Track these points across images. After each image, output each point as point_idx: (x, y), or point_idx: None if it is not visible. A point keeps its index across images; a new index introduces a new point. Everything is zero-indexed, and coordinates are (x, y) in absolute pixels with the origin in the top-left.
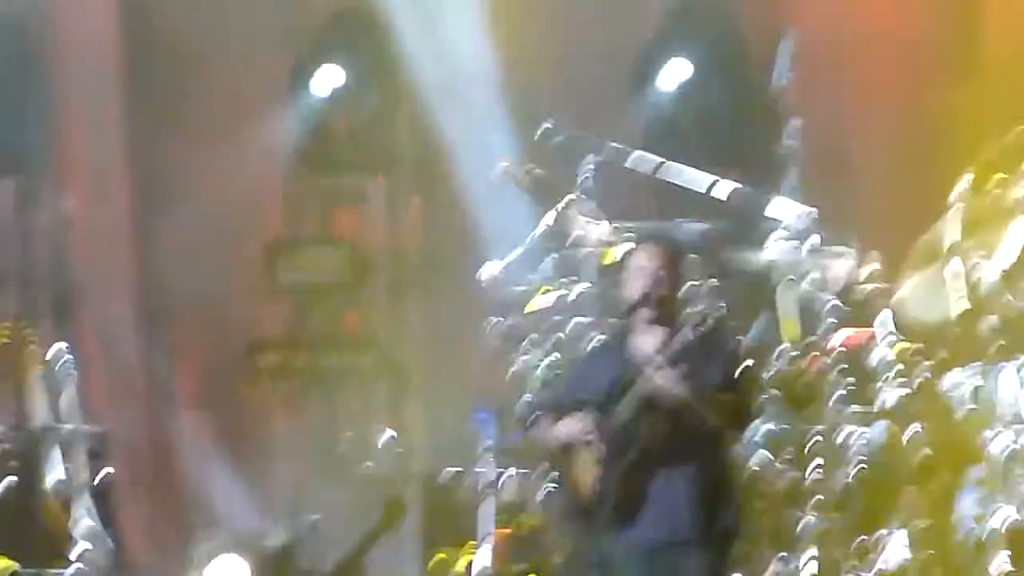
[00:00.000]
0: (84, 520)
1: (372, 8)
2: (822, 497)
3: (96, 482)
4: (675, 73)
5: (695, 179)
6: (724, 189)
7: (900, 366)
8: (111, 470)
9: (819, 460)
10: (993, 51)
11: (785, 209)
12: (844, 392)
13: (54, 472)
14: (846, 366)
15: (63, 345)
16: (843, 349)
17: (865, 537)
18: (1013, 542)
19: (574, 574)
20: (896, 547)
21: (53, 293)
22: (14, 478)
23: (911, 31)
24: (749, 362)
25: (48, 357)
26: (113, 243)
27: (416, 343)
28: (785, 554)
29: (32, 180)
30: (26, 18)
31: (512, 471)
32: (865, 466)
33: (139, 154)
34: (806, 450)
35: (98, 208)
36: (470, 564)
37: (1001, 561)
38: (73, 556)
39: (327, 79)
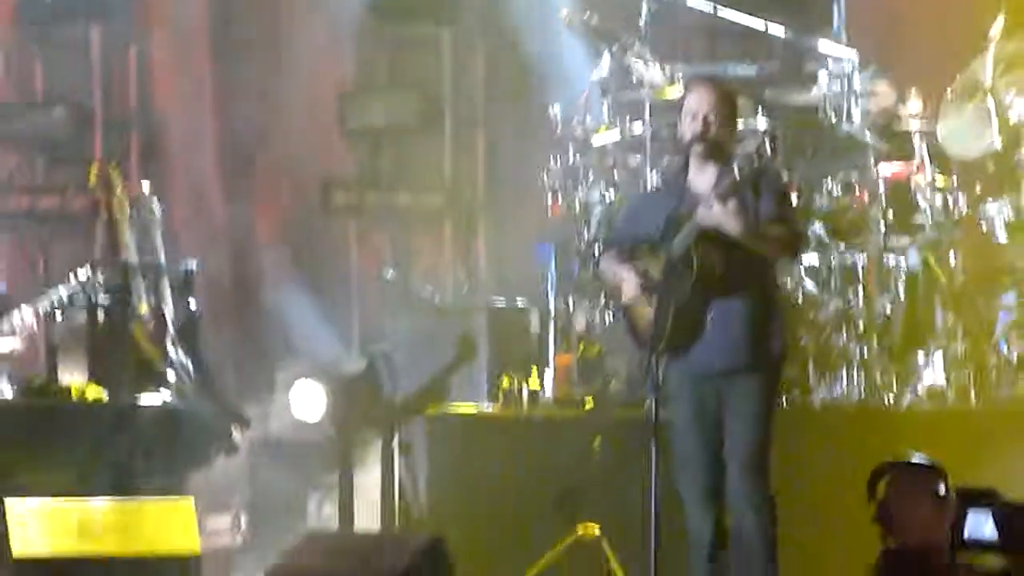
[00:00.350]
0: (171, 351)
1: None
2: (865, 323)
3: (182, 315)
4: None
5: (746, 23)
6: (774, 31)
7: (938, 199)
8: (196, 304)
9: (864, 289)
10: None
11: (830, 50)
12: (886, 224)
13: (143, 306)
14: (888, 199)
15: (149, 184)
16: (885, 183)
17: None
18: None
19: (630, 399)
20: (934, 371)
21: (140, 136)
22: (105, 313)
23: None
24: (797, 196)
25: (135, 196)
26: (195, 89)
27: (481, 182)
28: (831, 379)
29: (118, 26)
30: None
31: (573, 302)
32: (905, 293)
33: (217, 4)
34: (851, 279)
35: (179, 55)
36: (535, 388)
37: None
38: (160, 385)
39: None
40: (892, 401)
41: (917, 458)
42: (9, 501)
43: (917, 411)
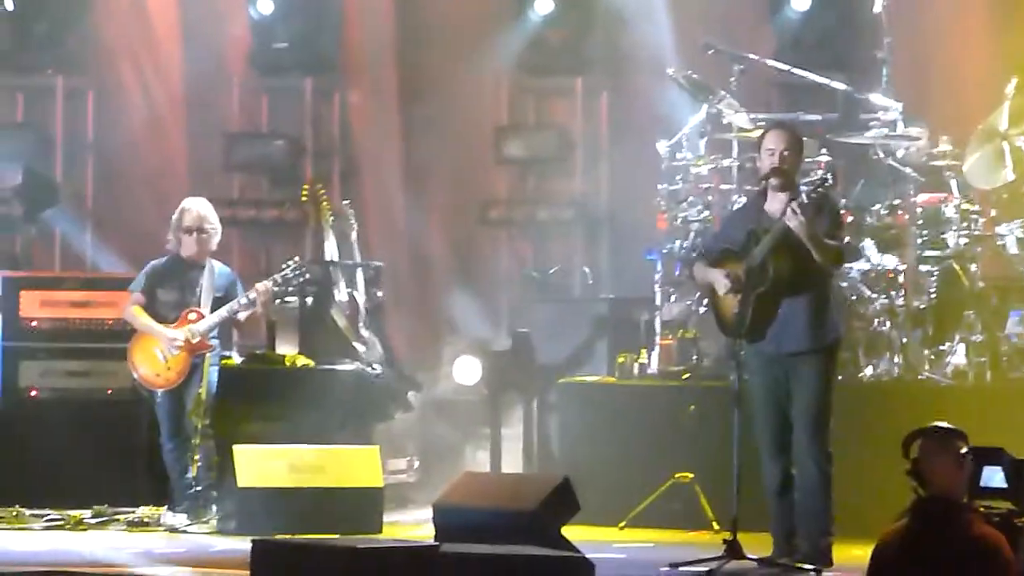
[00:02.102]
0: (362, 330)
1: None
2: (904, 317)
3: (371, 302)
4: (800, 2)
5: (814, 79)
6: (836, 86)
7: (963, 220)
8: (382, 294)
9: (903, 290)
10: None
11: (880, 102)
12: (922, 239)
13: (341, 295)
14: (923, 220)
15: (347, 201)
16: (921, 207)
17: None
18: None
19: (718, 374)
20: (958, 355)
21: (340, 163)
22: (312, 299)
23: None
24: (850, 217)
25: (336, 210)
26: (384, 126)
27: (604, 201)
28: (876, 360)
29: (327, 77)
30: None
31: (674, 296)
32: (936, 294)
33: (404, 60)
34: (893, 283)
35: (373, 99)
36: (644, 363)
37: None
38: (354, 356)
39: (543, 5)
40: (924, 379)
41: (943, 424)
42: (237, 448)
43: (944, 387)
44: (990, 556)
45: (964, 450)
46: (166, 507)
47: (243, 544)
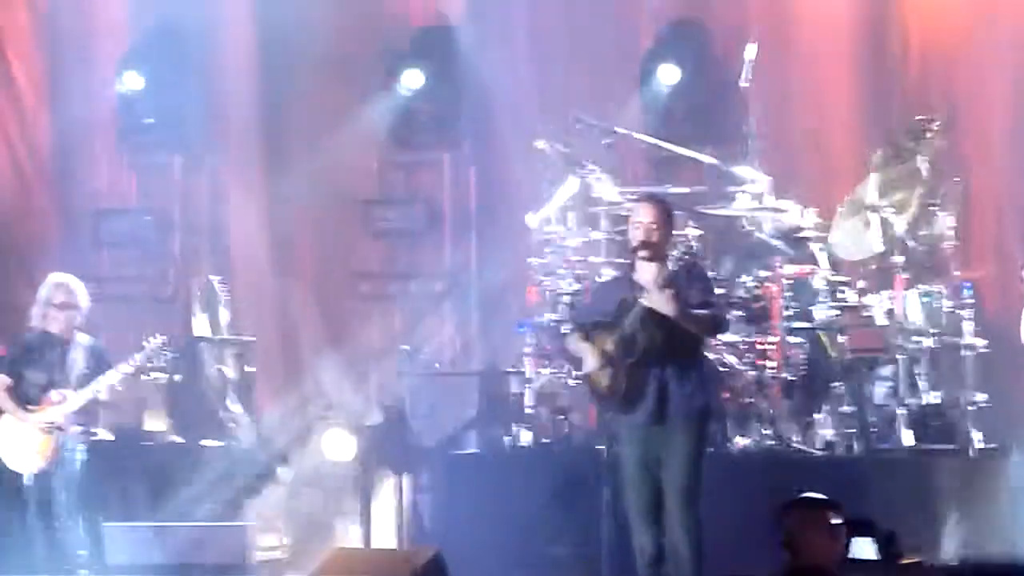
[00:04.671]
0: (231, 405)
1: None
2: (773, 389)
3: (239, 376)
4: (668, 75)
5: (682, 153)
6: (704, 160)
7: (831, 292)
8: (252, 368)
9: (772, 362)
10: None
11: (747, 175)
12: (790, 311)
13: (210, 370)
14: (792, 292)
15: (218, 276)
16: (790, 280)
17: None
18: (915, 424)
19: (590, 445)
20: (827, 427)
21: (209, 236)
22: (180, 375)
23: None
24: (720, 289)
25: (204, 284)
26: (253, 200)
27: (474, 273)
28: (746, 432)
29: (195, 153)
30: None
31: (546, 368)
32: (805, 366)
33: (270, 133)
34: (762, 354)
35: (241, 173)
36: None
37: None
38: (222, 430)
39: (412, 79)
40: (794, 450)
41: (815, 495)
42: (106, 525)
43: (814, 458)
44: None
45: (837, 521)
46: None
47: None
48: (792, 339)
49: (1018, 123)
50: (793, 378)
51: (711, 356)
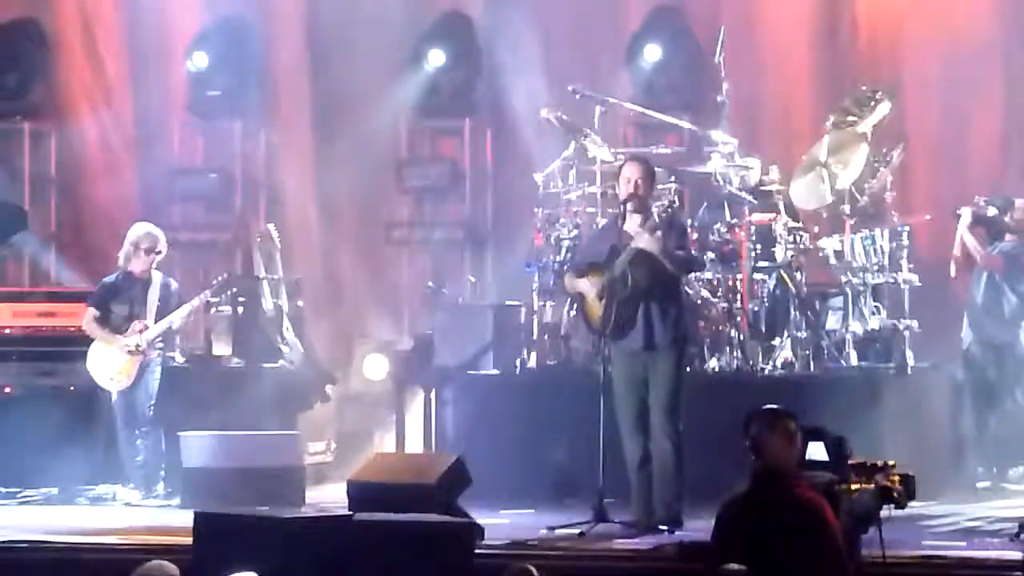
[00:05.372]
0: (285, 333)
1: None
2: (741, 319)
3: (292, 310)
4: (651, 54)
5: (664, 119)
6: (683, 125)
7: (790, 236)
8: (302, 303)
9: (740, 296)
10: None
11: (719, 138)
12: (755, 253)
13: (267, 304)
14: (756, 237)
15: (272, 225)
16: (755, 226)
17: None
18: (860, 346)
19: (587, 368)
20: (787, 350)
21: (266, 193)
22: (242, 308)
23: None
24: (695, 235)
25: (263, 232)
26: (301, 161)
27: (490, 222)
28: (719, 355)
29: (253, 120)
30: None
31: (549, 302)
32: (768, 299)
33: (318, 105)
34: (732, 289)
35: (292, 139)
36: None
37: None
38: (278, 356)
39: (436, 58)
40: (759, 370)
41: (775, 407)
42: (182, 434)
43: (775, 377)
44: (813, 515)
45: (793, 428)
46: (121, 485)
47: (187, 516)
48: (757, 276)
49: (950, 93)
50: (758, 309)
51: (689, 291)
